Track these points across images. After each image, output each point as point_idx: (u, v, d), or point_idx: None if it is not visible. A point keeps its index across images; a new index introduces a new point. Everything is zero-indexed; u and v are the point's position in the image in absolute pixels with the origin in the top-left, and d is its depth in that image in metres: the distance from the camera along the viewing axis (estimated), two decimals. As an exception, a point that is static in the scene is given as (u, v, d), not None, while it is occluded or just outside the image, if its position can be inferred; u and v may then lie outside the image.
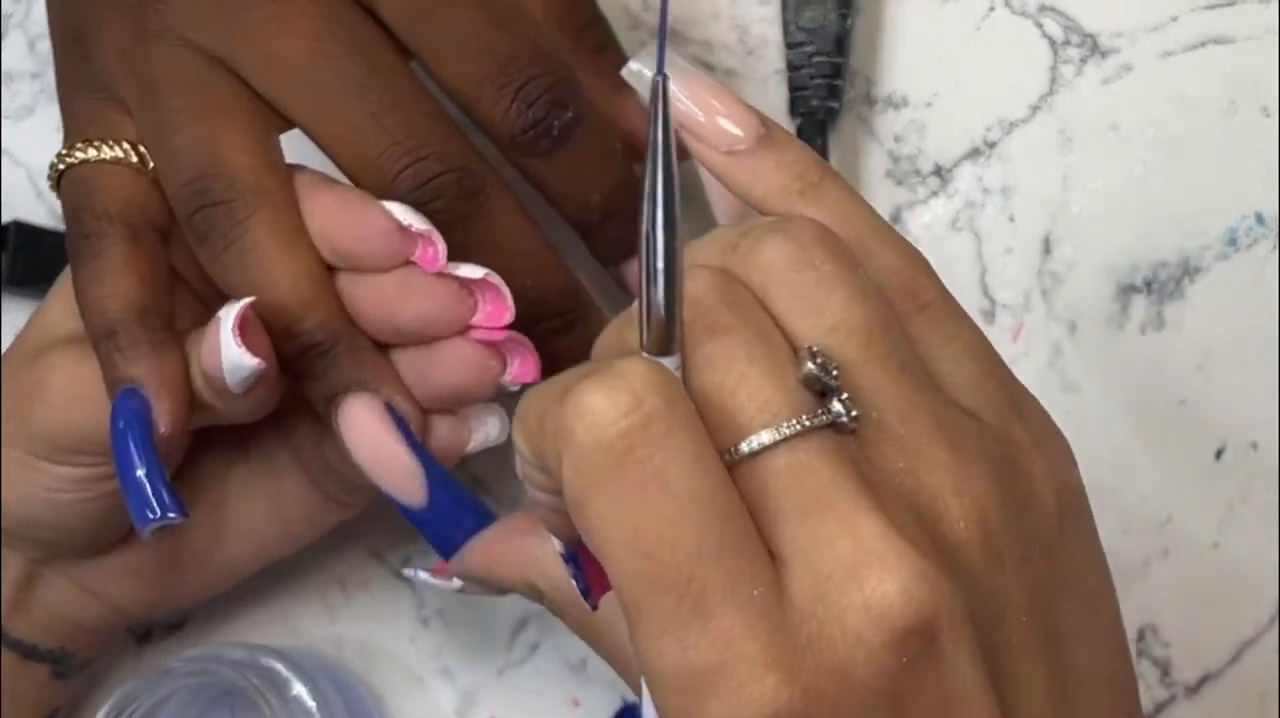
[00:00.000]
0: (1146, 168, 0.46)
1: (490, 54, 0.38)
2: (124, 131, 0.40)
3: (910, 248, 0.32)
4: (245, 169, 0.38)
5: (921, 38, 0.48)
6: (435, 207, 0.38)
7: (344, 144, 0.38)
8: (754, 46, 0.48)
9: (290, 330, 0.37)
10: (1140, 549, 0.45)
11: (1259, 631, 0.44)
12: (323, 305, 0.38)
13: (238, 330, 0.36)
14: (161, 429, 0.37)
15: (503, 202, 0.39)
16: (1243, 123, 0.46)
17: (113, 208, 0.39)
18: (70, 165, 0.40)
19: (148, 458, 0.37)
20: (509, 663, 0.47)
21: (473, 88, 0.38)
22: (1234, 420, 0.45)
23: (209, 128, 0.38)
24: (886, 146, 0.47)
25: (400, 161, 0.38)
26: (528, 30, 0.39)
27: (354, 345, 0.38)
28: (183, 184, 0.38)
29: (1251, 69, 0.46)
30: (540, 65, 0.38)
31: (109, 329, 0.38)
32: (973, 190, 0.47)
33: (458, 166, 0.38)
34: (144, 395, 0.37)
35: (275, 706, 0.42)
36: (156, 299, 0.38)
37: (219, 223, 0.38)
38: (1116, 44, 0.47)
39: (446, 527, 0.38)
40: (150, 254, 0.39)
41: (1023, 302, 0.46)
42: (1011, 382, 0.31)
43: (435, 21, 0.38)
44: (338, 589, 0.48)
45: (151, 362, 0.37)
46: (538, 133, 0.38)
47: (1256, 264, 0.45)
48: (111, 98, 0.40)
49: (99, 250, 0.38)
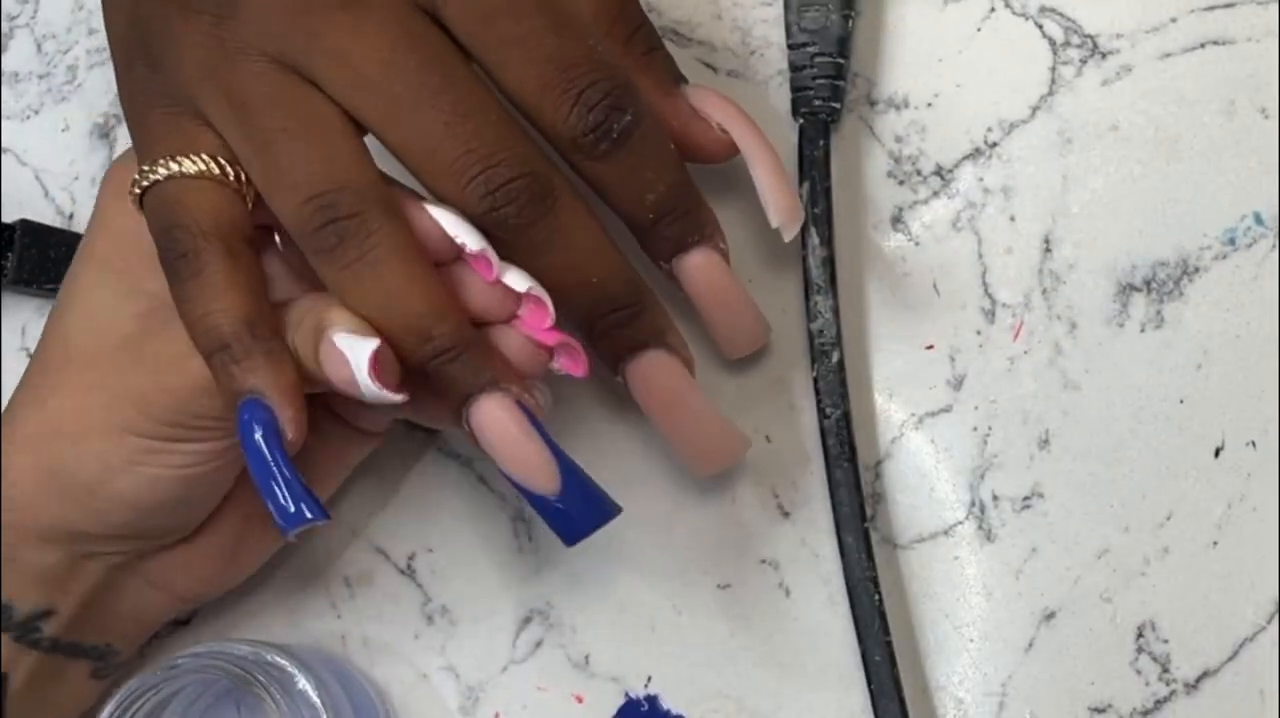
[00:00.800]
0: (1146, 168, 0.46)
1: (551, 61, 0.39)
2: (205, 144, 0.40)
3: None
4: (369, 181, 0.39)
5: (922, 39, 0.48)
6: (508, 212, 0.39)
7: (419, 153, 0.39)
8: (756, 48, 0.49)
9: (425, 336, 0.39)
10: (1139, 547, 0.45)
11: (1258, 628, 0.44)
12: (451, 312, 0.39)
13: (374, 373, 0.38)
14: (289, 436, 0.38)
15: (570, 203, 0.40)
16: (1242, 123, 0.46)
17: (205, 223, 0.39)
18: (155, 182, 0.40)
19: (286, 465, 0.38)
20: (512, 660, 0.47)
21: (535, 94, 0.39)
22: (1233, 419, 0.45)
23: (317, 143, 0.39)
24: (887, 147, 0.48)
25: (473, 169, 0.39)
26: (586, 38, 0.40)
27: (480, 348, 0.40)
28: (305, 199, 0.39)
29: (1251, 70, 0.46)
30: (599, 71, 0.39)
31: (222, 343, 0.39)
32: (973, 190, 0.47)
33: (528, 172, 0.39)
34: (267, 405, 0.38)
35: (280, 701, 0.42)
36: (262, 310, 0.39)
37: (351, 235, 0.38)
38: (1116, 45, 0.47)
39: (575, 514, 0.40)
40: (248, 266, 0.40)
41: (1023, 301, 0.46)
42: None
43: (498, 30, 0.39)
44: (342, 585, 0.48)
45: (269, 372, 0.38)
46: (598, 136, 0.40)
47: (1256, 264, 0.45)
48: (187, 111, 0.40)
49: (199, 268, 0.39)
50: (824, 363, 0.45)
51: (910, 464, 0.46)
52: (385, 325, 0.39)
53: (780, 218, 0.43)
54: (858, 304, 0.47)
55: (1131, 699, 0.44)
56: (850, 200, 0.47)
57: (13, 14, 0.52)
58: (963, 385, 0.46)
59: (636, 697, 0.46)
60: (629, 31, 0.43)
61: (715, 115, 0.44)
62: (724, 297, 0.44)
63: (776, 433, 0.47)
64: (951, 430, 0.46)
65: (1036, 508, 0.45)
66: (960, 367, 0.46)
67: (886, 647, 0.44)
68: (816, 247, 0.45)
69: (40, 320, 0.50)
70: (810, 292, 0.46)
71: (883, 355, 0.47)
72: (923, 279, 0.47)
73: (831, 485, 0.45)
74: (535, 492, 0.40)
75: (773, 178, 0.43)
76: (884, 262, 0.47)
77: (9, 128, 0.52)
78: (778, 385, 0.47)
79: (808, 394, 0.46)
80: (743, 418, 0.47)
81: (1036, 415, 0.46)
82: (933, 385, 0.46)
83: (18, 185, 0.51)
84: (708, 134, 0.44)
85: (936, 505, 0.46)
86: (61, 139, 0.51)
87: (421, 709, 0.47)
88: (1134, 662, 0.44)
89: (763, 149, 0.44)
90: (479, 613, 0.47)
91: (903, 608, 0.45)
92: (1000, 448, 0.46)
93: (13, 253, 0.49)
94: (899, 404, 0.46)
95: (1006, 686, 0.45)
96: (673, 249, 0.43)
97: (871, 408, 0.47)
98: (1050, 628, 0.45)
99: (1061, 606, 0.45)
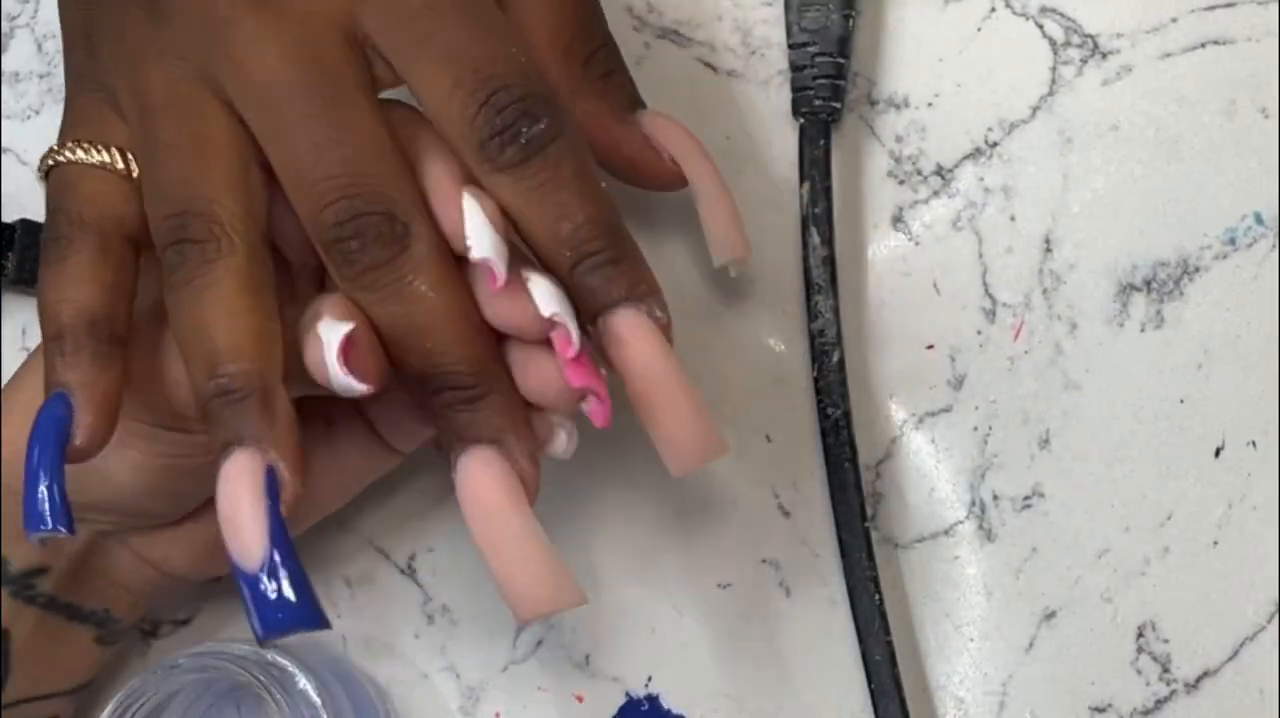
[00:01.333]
0: (1146, 168, 0.46)
1: (465, 61, 0.37)
2: (116, 136, 0.40)
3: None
4: (230, 210, 0.38)
5: (923, 39, 0.48)
6: (352, 245, 0.37)
7: (287, 170, 0.38)
8: (756, 48, 0.49)
9: (212, 372, 0.37)
10: (1140, 547, 0.45)
11: (1258, 628, 0.44)
12: (252, 357, 0.37)
13: (342, 358, 0.37)
14: (78, 441, 0.38)
15: (429, 258, 0.37)
16: (1242, 123, 0.46)
17: (87, 214, 0.39)
18: (57, 163, 0.40)
19: (53, 467, 0.37)
20: (513, 659, 0.47)
21: (444, 93, 0.37)
22: (1233, 419, 0.45)
23: (196, 162, 0.38)
24: (888, 147, 0.48)
25: (330, 194, 0.37)
26: (509, 45, 0.38)
27: (266, 403, 0.37)
28: (165, 215, 0.38)
29: (1251, 70, 0.46)
30: (515, 77, 0.37)
31: (58, 333, 0.38)
32: (974, 190, 0.47)
33: (384, 211, 0.37)
34: (70, 403, 0.38)
35: (281, 701, 0.42)
36: (111, 310, 0.39)
37: (191, 258, 0.38)
38: (1117, 45, 0.47)
39: (272, 603, 0.36)
40: (115, 264, 0.39)
41: (1023, 301, 0.46)
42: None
43: (417, 31, 0.38)
44: (343, 585, 0.48)
45: (88, 372, 0.38)
46: (504, 139, 0.37)
47: (1256, 264, 0.45)
48: (110, 100, 0.40)
49: (65, 255, 0.39)
50: (824, 363, 0.45)
51: (910, 464, 0.46)
52: (185, 352, 0.38)
53: (724, 256, 0.43)
54: (858, 304, 0.47)
55: (1131, 699, 0.44)
56: (850, 200, 0.47)
57: (13, 14, 0.52)
58: (963, 385, 0.46)
59: (637, 697, 0.46)
60: (588, 51, 0.43)
61: (669, 146, 0.43)
62: (656, 380, 0.38)
63: (776, 433, 0.47)
64: (952, 430, 0.46)
65: (1037, 508, 0.45)
66: (960, 367, 0.46)
67: (887, 646, 0.44)
68: (816, 247, 0.45)
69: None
70: (810, 292, 0.46)
71: (883, 355, 0.47)
72: (923, 279, 0.47)
73: (832, 486, 0.45)
74: (237, 563, 0.36)
75: (720, 216, 0.43)
76: (884, 261, 0.47)
77: (9, 128, 0.52)
78: (778, 385, 0.47)
79: (808, 394, 0.46)
80: (743, 418, 0.47)
81: (1037, 415, 0.46)
82: (933, 385, 0.46)
83: (18, 185, 0.51)
84: (658, 165, 0.43)
85: (937, 505, 0.46)
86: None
87: (422, 709, 0.47)
88: (1134, 662, 0.44)
89: (713, 185, 0.43)
90: (479, 613, 0.47)
91: (903, 608, 0.45)
92: (1000, 448, 0.46)
93: (12, 253, 0.49)
94: (899, 404, 0.47)
95: (1007, 685, 0.45)
96: (597, 304, 0.38)
97: (872, 408, 0.47)
98: (1050, 628, 0.45)
99: (1062, 605, 0.45)
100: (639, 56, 0.49)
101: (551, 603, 0.37)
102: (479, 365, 0.38)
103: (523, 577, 0.37)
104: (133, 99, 0.40)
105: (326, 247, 0.37)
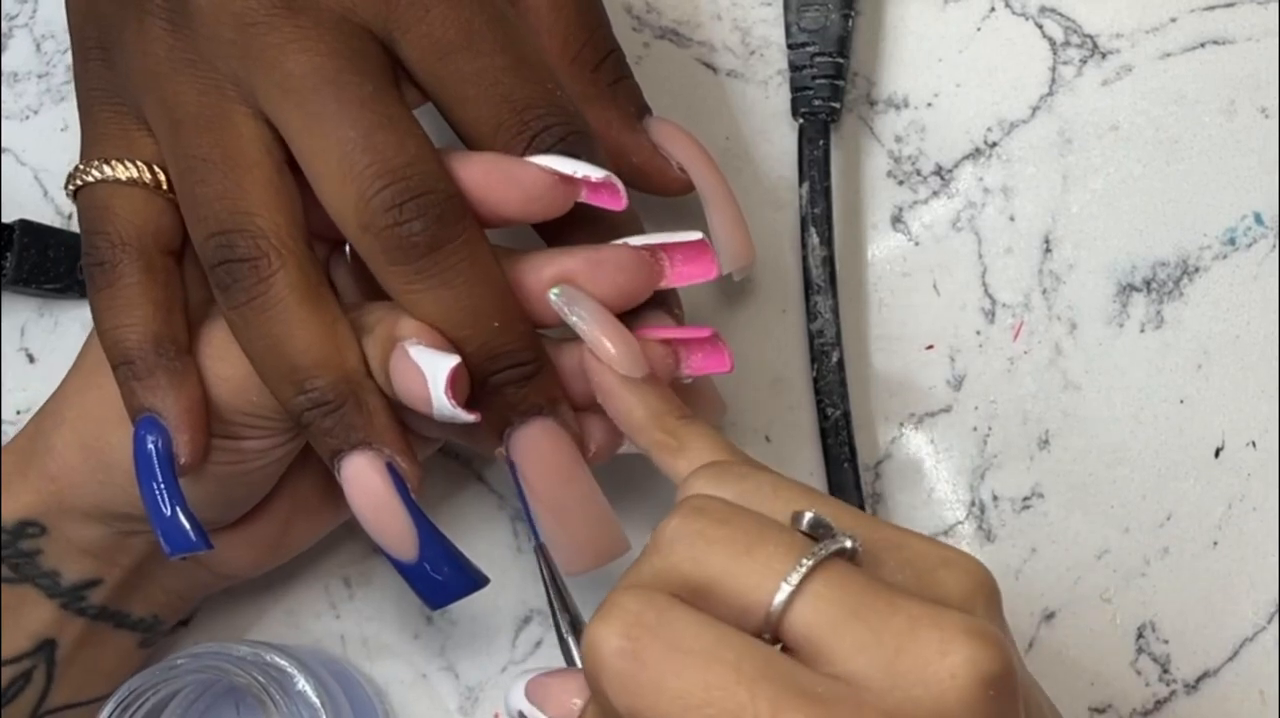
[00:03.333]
0: (1146, 168, 0.46)
1: (508, 102, 0.39)
2: (143, 150, 0.40)
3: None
4: (275, 224, 0.38)
5: (922, 39, 0.48)
6: (414, 227, 0.37)
7: (329, 159, 0.38)
8: (756, 48, 0.49)
9: (300, 388, 0.38)
10: (1140, 548, 0.45)
11: (1258, 628, 0.44)
12: (336, 364, 0.38)
13: (450, 391, 0.37)
14: (181, 460, 0.39)
15: (478, 239, 0.38)
16: (1242, 123, 0.46)
17: (127, 234, 0.39)
18: (86, 183, 0.40)
19: (172, 488, 0.38)
20: (512, 659, 0.47)
21: (489, 135, 0.39)
22: (1233, 419, 0.45)
23: (233, 178, 0.38)
24: (887, 147, 0.48)
25: (382, 179, 0.37)
26: (546, 81, 0.39)
27: (361, 404, 0.38)
28: (208, 235, 0.38)
29: (1251, 70, 0.46)
30: (556, 115, 0.39)
31: (126, 358, 0.39)
32: (973, 190, 0.47)
33: (440, 189, 0.38)
34: (161, 424, 0.39)
35: (280, 701, 0.42)
36: (171, 326, 0.39)
37: (243, 278, 0.38)
38: (1116, 45, 0.47)
39: (436, 582, 0.40)
40: (164, 280, 0.40)
41: (1023, 301, 0.46)
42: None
43: (455, 66, 0.39)
44: (342, 586, 0.48)
45: (169, 392, 0.39)
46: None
47: (1256, 264, 0.45)
48: (133, 112, 0.40)
49: (113, 279, 0.39)
50: (824, 363, 0.45)
51: (910, 464, 0.46)
52: (261, 371, 0.38)
53: (733, 264, 0.43)
54: (857, 304, 0.47)
55: (1131, 700, 0.44)
56: (850, 200, 0.47)
57: (12, 14, 0.52)
58: (963, 385, 0.46)
59: (636, 697, 0.46)
60: (597, 59, 0.43)
61: (677, 153, 0.44)
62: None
63: (776, 433, 0.47)
64: (951, 430, 0.46)
65: (1036, 508, 0.45)
66: (960, 367, 0.46)
67: (886, 647, 0.44)
68: (816, 247, 0.45)
69: (40, 320, 0.50)
70: (810, 292, 0.45)
71: (883, 355, 0.47)
72: (923, 279, 0.47)
73: (831, 486, 0.45)
74: (394, 558, 0.39)
75: (729, 223, 0.43)
76: (883, 262, 0.47)
77: (9, 128, 0.52)
78: (778, 385, 0.47)
79: (808, 394, 0.46)
80: (743, 418, 0.47)
81: (1036, 416, 0.46)
82: (933, 385, 0.46)
83: (17, 185, 0.51)
84: (666, 172, 0.44)
85: (936, 505, 0.46)
86: (60, 139, 0.51)
87: (421, 709, 0.47)
88: (1134, 662, 0.44)
89: (721, 192, 0.44)
90: (478, 613, 0.47)
91: (903, 608, 0.45)
92: (1000, 448, 0.46)
93: (12, 253, 0.49)
94: (899, 404, 0.46)
95: (1006, 686, 0.45)
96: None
97: (871, 408, 0.47)
98: (1050, 628, 0.45)
99: (1061, 606, 0.45)
100: (638, 56, 0.49)
101: (610, 553, 0.40)
102: (534, 340, 0.39)
103: (585, 532, 0.39)
104: (162, 112, 0.39)
105: (380, 233, 0.37)
